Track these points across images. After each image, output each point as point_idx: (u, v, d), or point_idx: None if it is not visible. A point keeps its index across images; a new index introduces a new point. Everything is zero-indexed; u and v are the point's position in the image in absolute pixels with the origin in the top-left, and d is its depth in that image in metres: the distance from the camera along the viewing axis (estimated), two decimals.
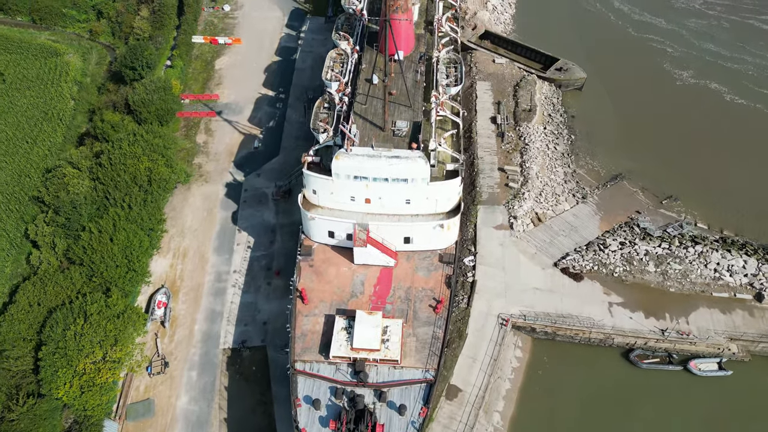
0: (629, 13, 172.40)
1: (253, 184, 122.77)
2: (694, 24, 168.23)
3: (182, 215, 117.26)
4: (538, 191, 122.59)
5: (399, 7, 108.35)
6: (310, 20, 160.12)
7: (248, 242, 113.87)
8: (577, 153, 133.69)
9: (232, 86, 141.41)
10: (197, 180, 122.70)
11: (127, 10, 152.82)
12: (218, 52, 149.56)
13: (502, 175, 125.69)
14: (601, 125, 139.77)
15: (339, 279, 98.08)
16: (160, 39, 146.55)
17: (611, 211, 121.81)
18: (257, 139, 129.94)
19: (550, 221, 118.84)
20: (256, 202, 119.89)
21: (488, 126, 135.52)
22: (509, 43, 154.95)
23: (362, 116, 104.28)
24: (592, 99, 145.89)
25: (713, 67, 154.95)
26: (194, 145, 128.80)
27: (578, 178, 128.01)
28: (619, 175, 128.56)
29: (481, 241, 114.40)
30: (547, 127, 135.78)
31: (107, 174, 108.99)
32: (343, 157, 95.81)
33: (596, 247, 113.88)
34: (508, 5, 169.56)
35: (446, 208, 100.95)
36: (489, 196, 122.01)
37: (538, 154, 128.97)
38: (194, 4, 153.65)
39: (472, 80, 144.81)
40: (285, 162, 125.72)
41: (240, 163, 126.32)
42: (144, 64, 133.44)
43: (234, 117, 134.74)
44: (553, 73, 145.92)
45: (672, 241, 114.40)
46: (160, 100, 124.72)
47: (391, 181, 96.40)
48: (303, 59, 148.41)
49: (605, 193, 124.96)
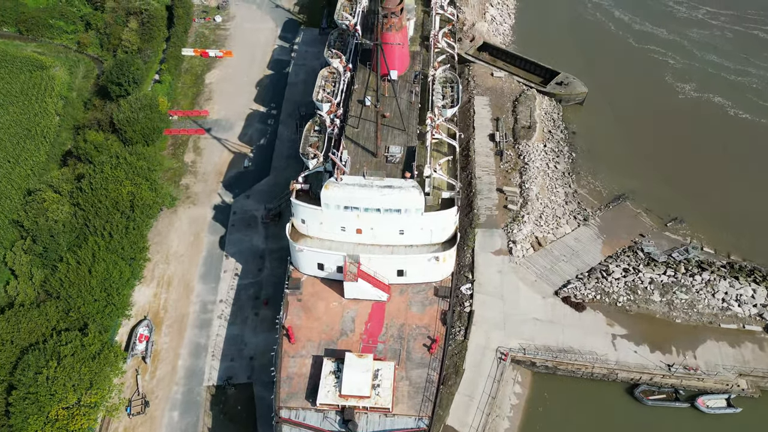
0: (630, 23, 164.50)
1: (242, 206, 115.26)
2: (696, 34, 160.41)
3: (168, 240, 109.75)
4: (538, 214, 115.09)
5: (392, 26, 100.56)
6: (303, 31, 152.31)
7: (236, 269, 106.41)
8: (579, 171, 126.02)
9: (223, 101, 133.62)
10: (184, 202, 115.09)
11: (115, 22, 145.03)
12: (209, 66, 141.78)
13: (501, 197, 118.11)
14: (602, 142, 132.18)
15: (328, 315, 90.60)
16: (149, 52, 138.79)
17: (614, 235, 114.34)
18: (247, 158, 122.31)
19: (551, 245, 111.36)
20: (244, 226, 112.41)
21: (486, 144, 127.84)
22: (508, 55, 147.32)
23: (354, 141, 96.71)
24: (594, 114, 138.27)
25: (716, 79, 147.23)
26: (182, 164, 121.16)
27: (579, 199, 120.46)
28: (621, 195, 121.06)
29: (479, 268, 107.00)
30: (547, 145, 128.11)
31: (88, 199, 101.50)
32: (333, 186, 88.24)
33: (599, 274, 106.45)
34: (508, 15, 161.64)
35: (442, 239, 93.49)
36: (487, 218, 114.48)
37: (537, 174, 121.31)
38: (184, 15, 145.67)
39: (469, 95, 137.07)
40: (275, 183, 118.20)
41: (229, 184, 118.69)
42: (130, 80, 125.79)
43: (224, 134, 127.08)
44: (554, 88, 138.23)
45: (678, 268, 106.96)
46: (145, 119, 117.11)
47: (384, 211, 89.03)
48: (296, 73, 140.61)
49: (607, 214, 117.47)
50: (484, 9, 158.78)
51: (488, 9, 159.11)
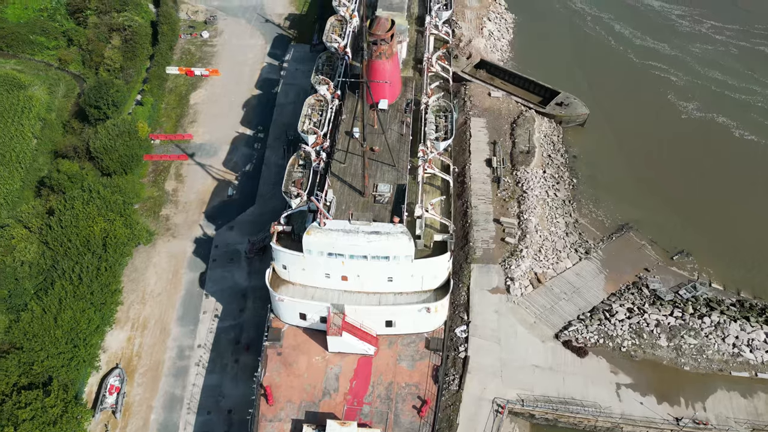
0: (630, 38, 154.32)
1: (225, 239, 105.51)
2: (699, 50, 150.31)
3: (145, 278, 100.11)
4: (537, 247, 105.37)
5: (382, 54, 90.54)
6: (294, 48, 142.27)
7: (216, 309, 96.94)
8: (580, 199, 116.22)
9: (208, 124, 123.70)
10: (164, 235, 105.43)
11: (97, 38, 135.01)
12: (194, 85, 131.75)
13: (498, 228, 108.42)
14: (604, 167, 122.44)
15: (310, 372, 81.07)
16: (131, 71, 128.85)
17: (617, 269, 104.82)
18: (231, 186, 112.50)
19: (551, 282, 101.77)
20: (226, 261, 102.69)
21: (483, 170, 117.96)
22: (506, 73, 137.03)
23: (340, 178, 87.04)
24: (595, 136, 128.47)
25: (720, 98, 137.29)
26: (162, 193, 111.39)
27: (581, 229, 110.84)
28: (625, 225, 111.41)
29: (474, 308, 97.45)
30: (546, 171, 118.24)
31: (57, 238, 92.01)
32: (316, 232, 78.62)
33: (602, 315, 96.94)
34: (506, 30, 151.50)
35: (433, 286, 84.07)
36: (484, 252, 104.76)
37: (537, 204, 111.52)
38: (169, 32, 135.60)
39: (466, 116, 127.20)
40: (261, 212, 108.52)
41: (211, 215, 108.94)
42: (109, 103, 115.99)
43: (208, 160, 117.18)
44: (554, 109, 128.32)
45: (685, 308, 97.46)
46: (123, 146, 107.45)
47: (371, 258, 79.16)
48: (285, 93, 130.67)
49: (610, 247, 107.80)
50: (482, 24, 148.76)
51: (486, 24, 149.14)
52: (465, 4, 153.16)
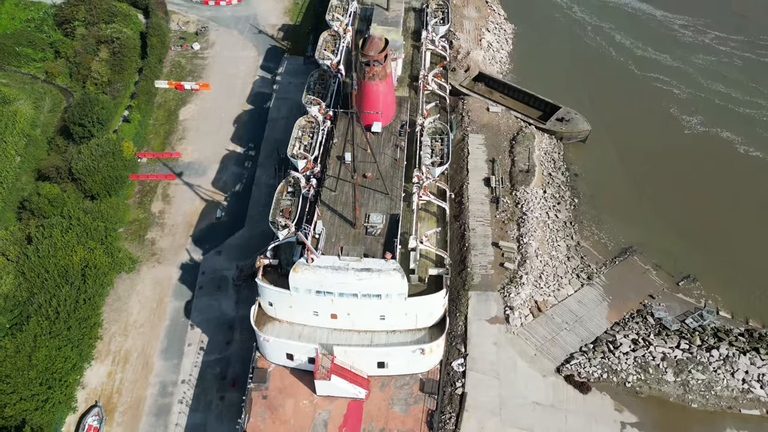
0: (631, 48, 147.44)
1: (212, 264, 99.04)
2: (702, 61, 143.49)
3: (127, 307, 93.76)
4: (537, 273, 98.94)
5: (375, 75, 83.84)
6: (287, 60, 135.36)
7: (201, 341, 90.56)
8: (581, 221, 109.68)
9: (197, 141, 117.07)
10: (149, 260, 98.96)
11: (85, 50, 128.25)
12: (184, 100, 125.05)
13: (497, 252, 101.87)
14: (606, 186, 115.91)
15: (297, 417, 74.77)
16: (119, 85, 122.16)
17: (621, 296, 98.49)
18: (220, 208, 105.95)
19: (552, 311, 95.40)
20: (213, 288, 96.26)
21: (481, 189, 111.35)
22: (505, 86, 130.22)
23: (330, 207, 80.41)
24: (597, 153, 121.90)
25: (724, 112, 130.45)
26: (148, 215, 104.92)
27: (583, 253, 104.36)
28: (628, 248, 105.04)
29: (472, 339, 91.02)
30: (547, 191, 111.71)
31: (34, 268, 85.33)
32: (303, 269, 72.18)
33: (605, 347, 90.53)
34: (505, 41, 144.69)
35: (428, 323, 77.79)
36: (482, 279, 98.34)
37: (537, 226, 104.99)
38: (158, 45, 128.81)
39: (463, 132, 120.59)
40: (250, 236, 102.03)
41: (199, 238, 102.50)
42: (94, 120, 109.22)
43: (196, 179, 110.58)
44: (554, 125, 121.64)
45: (692, 339, 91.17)
46: (107, 167, 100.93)
47: (362, 296, 72.46)
48: (277, 108, 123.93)
49: (613, 271, 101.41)
50: (480, 35, 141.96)
51: (484, 35, 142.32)
52: (463, 14, 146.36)
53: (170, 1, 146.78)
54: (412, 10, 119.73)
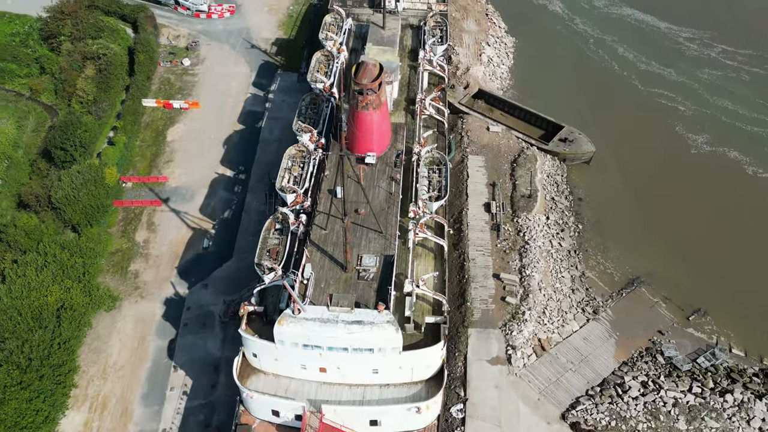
0: (635, 62, 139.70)
1: (198, 299, 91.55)
2: (708, 75, 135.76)
3: (107, 347, 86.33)
4: (541, 308, 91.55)
5: (369, 104, 76.17)
6: (280, 76, 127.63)
7: (185, 385, 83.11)
8: (586, 249, 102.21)
9: (185, 164, 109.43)
10: (131, 294, 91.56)
11: (71, 67, 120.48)
12: (172, 119, 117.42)
13: (498, 285, 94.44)
14: (612, 210, 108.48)
15: None
16: (105, 105, 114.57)
17: (628, 332, 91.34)
18: (207, 237, 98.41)
19: (556, 349, 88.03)
20: (199, 326, 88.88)
21: (481, 216, 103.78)
22: (506, 104, 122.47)
23: (320, 248, 72.72)
24: (601, 175, 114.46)
25: (731, 130, 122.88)
26: (132, 245, 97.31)
27: (588, 284, 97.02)
28: (636, 279, 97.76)
29: (472, 382, 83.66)
30: (550, 217, 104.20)
31: (5, 311, 77.80)
32: (289, 321, 64.69)
33: (613, 390, 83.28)
34: (505, 55, 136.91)
35: (425, 376, 70.24)
36: (482, 314, 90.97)
37: (540, 256, 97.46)
38: (147, 62, 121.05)
39: (463, 154, 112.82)
40: (238, 267, 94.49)
41: (185, 270, 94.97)
42: (77, 144, 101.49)
43: (183, 206, 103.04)
44: (557, 145, 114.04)
45: (705, 381, 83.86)
46: (88, 196, 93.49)
47: (353, 350, 64.95)
48: (269, 128, 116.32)
49: (620, 305, 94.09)
50: (480, 49, 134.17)
51: (484, 49, 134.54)
52: (463, 27, 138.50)
53: (160, 15, 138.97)
54: (410, 27, 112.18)
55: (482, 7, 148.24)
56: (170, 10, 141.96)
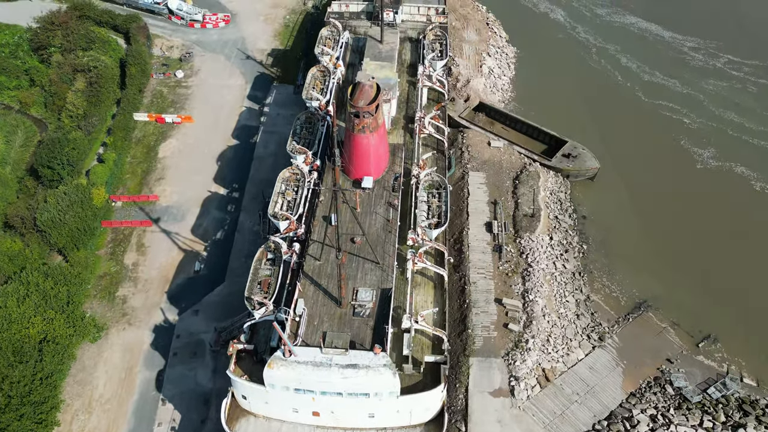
0: (638, 72, 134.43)
1: (188, 326, 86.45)
2: (714, 87, 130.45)
3: (93, 378, 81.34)
4: (545, 336, 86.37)
5: (366, 127, 70.91)
6: (276, 89, 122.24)
7: (173, 420, 78.25)
8: (591, 271, 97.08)
9: (177, 181, 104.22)
10: (119, 321, 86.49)
11: (61, 79, 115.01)
12: (164, 134, 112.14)
13: (500, 310, 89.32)
14: (617, 229, 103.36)
15: None
16: (95, 119, 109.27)
17: (636, 360, 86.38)
18: (199, 259, 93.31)
19: (561, 379, 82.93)
20: (189, 355, 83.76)
21: (483, 236, 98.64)
22: (507, 117, 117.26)
23: (314, 280, 67.55)
24: (605, 192, 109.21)
25: (738, 144, 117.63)
26: (121, 268, 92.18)
27: (593, 308, 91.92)
28: (642, 302, 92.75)
29: (473, 416, 78.93)
30: (553, 237, 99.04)
31: None
32: (279, 365, 59.68)
33: (621, 425, 78.82)
34: (507, 66, 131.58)
35: (424, 419, 65.15)
36: (484, 342, 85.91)
37: (543, 280, 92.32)
38: (138, 74, 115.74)
39: (463, 170, 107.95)
40: (230, 292, 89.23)
41: (175, 295, 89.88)
42: (64, 162, 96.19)
43: (174, 226, 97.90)
44: (560, 161, 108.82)
45: (716, 414, 79.04)
46: (74, 219, 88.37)
47: (347, 395, 59.77)
48: (264, 143, 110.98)
49: (627, 331, 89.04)
50: (481, 60, 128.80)
51: (485, 60, 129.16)
52: (463, 37, 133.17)
53: (154, 24, 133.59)
54: (408, 41, 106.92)
55: (483, 16, 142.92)
56: (164, 19, 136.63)
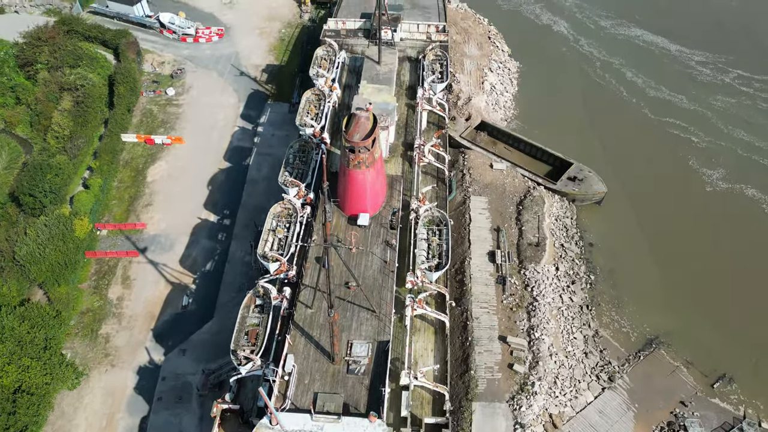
0: (644, 87, 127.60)
1: (174, 367, 79.72)
2: (722, 103, 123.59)
3: (72, 426, 75.05)
4: (552, 378, 79.75)
5: (362, 162, 64.06)
6: (270, 107, 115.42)
7: None
8: (599, 303, 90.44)
9: (165, 208, 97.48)
10: (101, 363, 79.83)
11: (47, 98, 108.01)
12: (153, 156, 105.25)
13: (505, 349, 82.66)
14: (626, 258, 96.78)
15: None
16: (81, 141, 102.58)
17: (648, 402, 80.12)
18: (187, 293, 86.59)
19: (569, 425, 76.73)
20: (174, 399, 77.18)
21: (485, 266, 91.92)
22: (510, 137, 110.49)
23: (305, 332, 60.76)
24: (613, 217, 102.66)
25: (747, 164, 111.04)
26: (105, 303, 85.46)
27: (602, 345, 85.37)
28: (654, 339, 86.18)
29: None
30: (560, 267, 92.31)
31: None
32: None
33: None
34: (509, 82, 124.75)
35: None
36: (488, 385, 79.32)
37: (550, 315, 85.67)
38: (127, 93, 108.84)
39: (464, 194, 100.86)
40: (220, 329, 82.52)
41: (161, 333, 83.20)
42: (46, 191, 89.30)
43: (162, 256, 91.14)
44: (566, 184, 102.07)
45: None
46: (55, 253, 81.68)
47: None
48: (258, 166, 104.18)
49: (638, 370, 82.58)
50: (483, 76, 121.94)
51: (487, 76, 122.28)
52: (464, 52, 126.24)
53: (145, 39, 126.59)
54: (407, 60, 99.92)
55: (484, 29, 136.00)
56: (156, 33, 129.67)
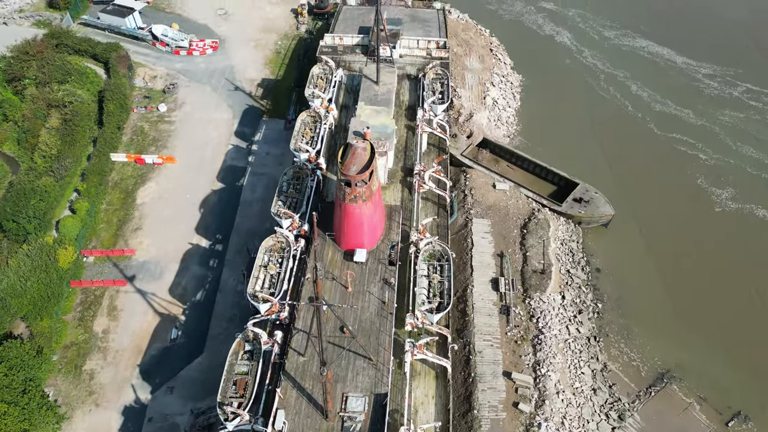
0: (649, 102, 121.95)
1: (161, 407, 74.14)
2: (730, 118, 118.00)
3: None
4: (559, 418, 74.33)
5: (358, 197, 58.24)
6: (265, 124, 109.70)
7: None
8: (607, 334, 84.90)
9: (155, 232, 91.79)
10: (85, 402, 74.27)
11: (34, 115, 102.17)
12: (144, 176, 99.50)
13: (509, 386, 77.18)
14: (634, 284, 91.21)
15: None
16: (69, 161, 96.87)
17: None
18: (176, 325, 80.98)
19: None
20: None
21: (488, 295, 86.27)
22: (513, 155, 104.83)
23: (298, 384, 55.00)
24: (620, 240, 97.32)
25: (758, 182, 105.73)
26: (90, 336, 79.91)
27: (611, 380, 79.84)
28: (665, 373, 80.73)
29: None
30: (566, 296, 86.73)
31: None
32: None
33: None
34: (512, 96, 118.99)
35: None
36: (492, 426, 73.90)
37: (556, 349, 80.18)
38: (117, 111, 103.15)
39: (466, 216, 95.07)
40: (210, 365, 77.04)
41: (148, 369, 77.62)
42: (30, 216, 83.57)
43: (150, 285, 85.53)
44: (572, 206, 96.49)
45: None
46: (37, 285, 76.15)
47: None
48: (252, 186, 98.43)
49: (649, 408, 77.02)
50: (485, 91, 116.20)
51: (489, 90, 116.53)
52: (465, 65, 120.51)
53: (137, 52, 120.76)
54: (407, 78, 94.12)
55: (486, 41, 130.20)
56: (148, 46, 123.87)
